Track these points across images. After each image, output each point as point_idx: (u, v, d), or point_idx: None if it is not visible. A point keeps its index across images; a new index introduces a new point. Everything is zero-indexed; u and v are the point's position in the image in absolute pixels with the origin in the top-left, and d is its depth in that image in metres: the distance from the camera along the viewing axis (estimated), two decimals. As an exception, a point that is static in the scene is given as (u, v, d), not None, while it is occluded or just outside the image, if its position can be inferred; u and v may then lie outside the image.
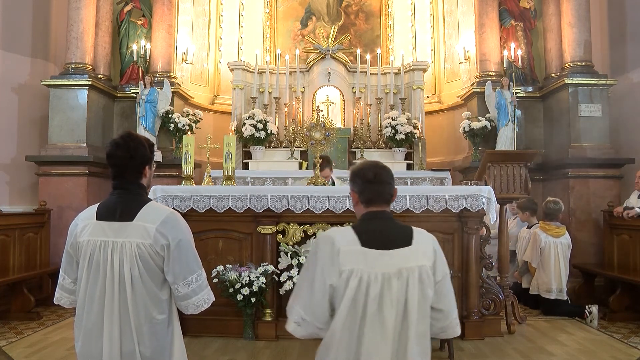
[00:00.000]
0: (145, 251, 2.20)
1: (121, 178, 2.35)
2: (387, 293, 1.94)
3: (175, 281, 2.23)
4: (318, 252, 2.02)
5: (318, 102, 8.33)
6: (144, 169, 2.36)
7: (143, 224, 2.23)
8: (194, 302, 2.28)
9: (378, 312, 1.93)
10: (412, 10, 9.28)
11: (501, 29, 7.96)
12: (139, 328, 2.20)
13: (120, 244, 2.22)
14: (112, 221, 2.26)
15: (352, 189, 2.16)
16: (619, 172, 7.06)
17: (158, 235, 2.21)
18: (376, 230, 2.05)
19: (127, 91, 7.82)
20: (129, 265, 2.20)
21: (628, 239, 6.15)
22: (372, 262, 1.96)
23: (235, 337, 4.69)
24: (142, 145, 2.37)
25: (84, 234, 2.29)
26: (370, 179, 2.10)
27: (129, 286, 2.20)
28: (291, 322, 2.01)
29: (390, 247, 2.01)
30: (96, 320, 2.22)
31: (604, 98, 7.19)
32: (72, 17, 7.37)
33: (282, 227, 4.86)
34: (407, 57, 8.73)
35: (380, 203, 2.10)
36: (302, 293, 2.03)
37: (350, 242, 2.00)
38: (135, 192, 2.34)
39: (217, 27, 9.17)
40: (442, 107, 8.98)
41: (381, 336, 1.93)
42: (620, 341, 4.90)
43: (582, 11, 7.31)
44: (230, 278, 4.56)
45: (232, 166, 5.30)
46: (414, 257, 2.01)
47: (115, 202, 2.32)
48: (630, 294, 5.80)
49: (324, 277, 1.96)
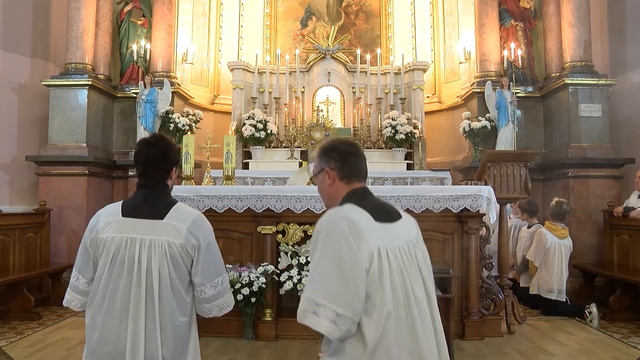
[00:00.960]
0: (176, 250, 2.17)
1: (149, 177, 2.30)
2: (408, 267, 1.82)
3: (203, 282, 2.21)
4: (338, 233, 1.75)
5: (318, 102, 8.33)
6: (172, 170, 2.34)
7: (174, 222, 2.20)
8: (218, 304, 2.27)
9: (411, 287, 1.80)
10: (412, 10, 9.28)
11: (501, 29, 7.96)
12: (163, 329, 2.14)
13: (149, 241, 2.17)
14: (140, 218, 2.21)
15: (328, 167, 1.94)
16: (619, 172, 7.06)
17: (189, 236, 2.19)
18: (376, 204, 1.91)
19: (127, 91, 7.82)
20: (159, 263, 2.15)
21: (628, 239, 6.15)
22: (389, 237, 1.81)
23: (235, 337, 4.69)
24: (173, 147, 2.36)
25: (108, 230, 2.21)
26: (352, 152, 1.96)
27: (157, 285, 2.14)
28: (323, 322, 1.70)
29: (393, 220, 1.89)
30: (120, 319, 2.13)
31: (604, 98, 7.18)
32: (72, 17, 7.37)
33: (282, 227, 4.86)
34: (407, 57, 8.73)
35: (361, 179, 1.96)
36: (329, 284, 1.72)
37: (365, 218, 1.80)
38: (163, 192, 2.31)
39: (217, 27, 9.17)
40: (442, 107, 8.98)
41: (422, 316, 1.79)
42: (620, 341, 4.90)
43: (582, 11, 7.31)
44: (230, 278, 4.56)
45: (232, 166, 5.31)
46: (408, 228, 1.95)
47: (143, 200, 2.27)
48: (630, 294, 5.81)
49: (357, 261, 1.70)
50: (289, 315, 4.83)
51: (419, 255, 1.89)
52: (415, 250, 1.88)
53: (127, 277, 2.14)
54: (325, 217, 1.81)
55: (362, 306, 1.71)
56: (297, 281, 4.63)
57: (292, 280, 4.64)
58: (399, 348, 1.72)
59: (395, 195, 4.85)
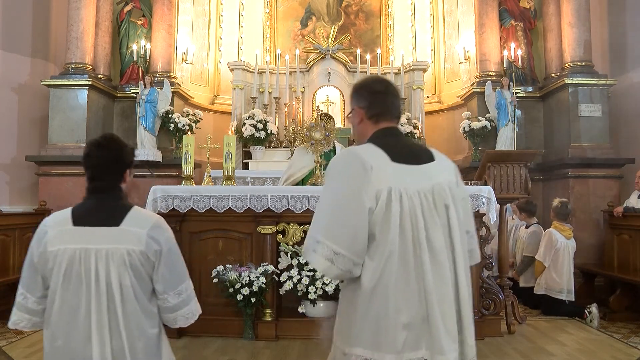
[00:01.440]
0: (136, 258, 2.00)
1: (100, 181, 2.12)
2: (428, 212, 1.71)
3: (166, 290, 2.05)
4: (345, 170, 1.71)
5: (318, 102, 8.33)
6: (125, 172, 2.16)
7: (132, 228, 2.02)
8: (183, 313, 2.11)
9: (427, 236, 1.69)
10: (412, 10, 9.28)
11: (501, 29, 7.96)
12: (132, 346, 1.98)
13: (105, 251, 1.98)
14: (93, 226, 2.03)
15: (357, 105, 1.89)
16: (619, 172, 7.06)
17: (150, 241, 2.02)
18: (400, 144, 1.81)
19: (127, 91, 7.82)
20: (119, 274, 1.97)
21: (628, 239, 6.15)
22: (407, 178, 1.71)
23: (235, 337, 4.69)
24: (125, 147, 2.19)
25: (57, 241, 2.01)
26: (380, 90, 1.87)
27: (119, 298, 1.97)
28: (320, 260, 1.68)
29: (419, 161, 1.78)
30: (83, 341, 1.95)
31: (604, 98, 7.18)
32: (72, 17, 7.37)
33: (282, 227, 4.86)
34: (407, 57, 8.73)
35: (390, 118, 1.86)
36: (330, 221, 1.68)
37: (380, 158, 1.72)
38: (117, 196, 2.12)
39: (217, 27, 9.17)
40: (442, 107, 8.98)
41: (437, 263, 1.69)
42: (620, 341, 4.90)
43: (582, 11, 7.31)
44: (230, 278, 4.56)
45: (232, 166, 5.30)
46: (441, 172, 1.81)
47: (96, 206, 2.09)
48: (630, 294, 5.80)
49: (361, 200, 1.65)
50: (289, 315, 4.83)
51: (449, 202, 1.76)
52: (443, 196, 1.75)
53: (86, 293, 1.96)
54: (337, 155, 1.80)
55: (363, 247, 1.66)
56: (297, 281, 4.62)
57: (292, 280, 4.64)
58: (398, 293, 1.65)
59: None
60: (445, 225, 1.74)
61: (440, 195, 1.75)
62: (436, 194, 1.75)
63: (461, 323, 1.76)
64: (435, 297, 1.67)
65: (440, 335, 1.67)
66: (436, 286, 1.68)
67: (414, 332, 1.67)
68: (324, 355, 4.35)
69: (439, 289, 1.69)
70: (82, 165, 2.16)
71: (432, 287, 1.67)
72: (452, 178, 1.84)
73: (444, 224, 1.74)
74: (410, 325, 1.66)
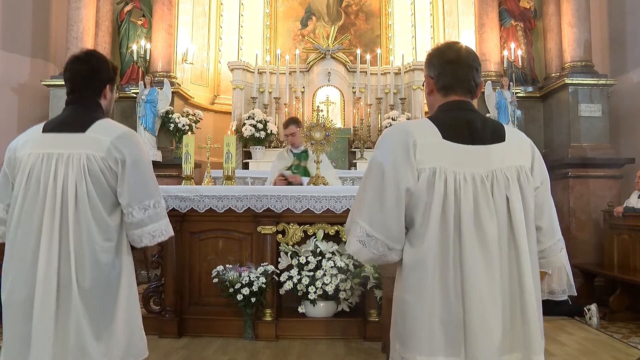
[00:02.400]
0: (96, 164, 1.93)
1: (77, 93, 2.08)
2: (482, 200, 1.52)
3: (130, 203, 1.96)
4: (387, 147, 1.56)
5: (318, 102, 8.33)
6: (104, 87, 2.10)
7: (96, 135, 1.97)
8: (149, 230, 2.00)
9: (475, 226, 1.50)
10: (412, 10, 9.28)
11: (501, 29, 7.97)
12: (78, 254, 1.90)
13: (66, 155, 1.95)
14: (60, 133, 2.01)
15: (427, 74, 1.72)
16: (619, 172, 7.06)
17: (112, 149, 1.95)
18: (461, 121, 1.60)
19: (127, 91, 7.82)
20: (75, 178, 1.92)
21: (628, 239, 6.15)
22: (459, 159, 1.53)
23: (235, 337, 4.69)
24: (105, 62, 2.13)
25: (25, 147, 2.04)
26: (451, 59, 1.66)
27: (72, 204, 1.91)
28: (353, 242, 1.57)
29: (480, 141, 1.57)
30: (34, 245, 1.91)
31: (604, 98, 7.18)
32: (72, 17, 7.37)
33: (282, 227, 4.86)
34: (407, 57, 8.73)
35: (461, 91, 1.65)
36: (366, 202, 1.56)
37: (428, 134, 1.56)
38: (91, 108, 2.06)
39: (217, 27, 9.17)
40: (442, 107, 8.97)
41: (484, 258, 1.50)
42: (620, 341, 4.90)
43: (582, 11, 7.31)
44: (230, 278, 4.56)
45: (232, 166, 5.30)
46: (510, 154, 1.59)
47: (67, 115, 2.06)
48: (630, 294, 5.80)
49: (397, 179, 1.51)
50: (289, 315, 4.83)
51: (514, 190, 1.55)
52: (505, 183, 1.55)
53: (42, 197, 1.93)
54: (387, 129, 1.67)
55: (398, 231, 1.53)
56: (297, 281, 4.62)
57: (292, 280, 4.64)
58: (434, 288, 1.50)
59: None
60: (504, 217, 1.53)
61: (500, 182, 1.55)
62: (495, 180, 1.54)
63: (524, 333, 1.54)
64: (476, 296, 1.49)
65: (477, 341, 1.49)
66: (480, 285, 1.49)
67: (450, 334, 1.50)
68: (324, 355, 4.36)
69: (485, 288, 1.50)
70: (63, 79, 2.12)
71: (473, 285, 1.49)
72: (525, 162, 1.61)
73: (503, 216, 1.53)
74: (445, 325, 1.51)
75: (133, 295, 2.06)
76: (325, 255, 4.66)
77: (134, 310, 2.06)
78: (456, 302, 1.50)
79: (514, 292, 1.53)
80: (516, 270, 1.53)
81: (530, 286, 1.54)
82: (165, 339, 4.54)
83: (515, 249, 1.53)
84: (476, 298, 1.49)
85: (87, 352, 1.89)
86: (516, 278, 1.53)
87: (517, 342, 1.54)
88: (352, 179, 7.34)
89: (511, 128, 1.69)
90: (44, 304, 1.87)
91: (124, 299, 1.99)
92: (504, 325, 1.52)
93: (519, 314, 1.54)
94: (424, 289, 1.51)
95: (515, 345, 1.53)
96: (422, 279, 1.51)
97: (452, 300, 1.50)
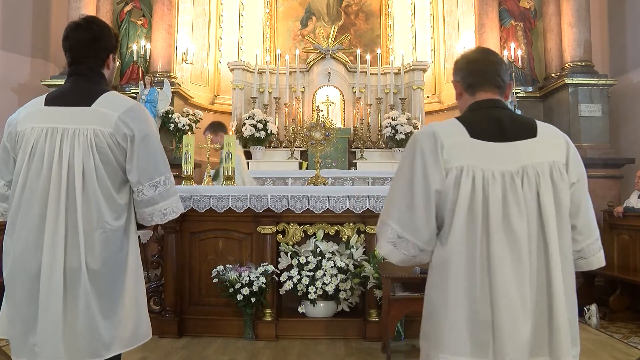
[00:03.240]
0: (104, 140, 1.86)
1: (79, 64, 1.98)
2: (512, 197, 1.50)
3: (140, 181, 1.90)
4: (416, 150, 1.57)
5: (318, 102, 8.33)
6: (107, 57, 2.02)
7: (103, 109, 1.89)
8: (160, 208, 1.94)
9: (504, 224, 1.49)
10: (412, 10, 9.28)
11: (501, 29, 7.97)
12: (88, 235, 1.83)
13: (72, 130, 1.86)
14: (65, 106, 1.91)
15: (455, 79, 1.76)
16: (619, 172, 7.06)
17: (120, 124, 1.87)
18: (489, 118, 1.60)
19: (127, 91, 7.81)
20: (82, 155, 1.84)
21: (628, 239, 6.15)
22: (487, 157, 1.53)
23: (235, 337, 4.69)
24: (107, 29, 2.05)
25: (28, 121, 1.92)
26: (477, 58, 1.71)
27: (80, 182, 1.83)
28: (384, 243, 1.59)
29: (509, 138, 1.56)
30: (38, 224, 1.83)
31: (604, 98, 7.19)
32: (72, 17, 7.36)
33: (282, 227, 4.86)
34: (407, 57, 8.72)
35: (488, 87, 1.66)
36: (396, 204, 1.57)
37: (455, 133, 1.57)
38: (95, 80, 1.98)
39: (217, 27, 9.16)
40: (442, 107, 8.97)
41: (512, 257, 1.48)
42: (620, 341, 4.90)
43: (582, 11, 7.31)
44: (230, 278, 4.56)
45: (232, 166, 5.30)
46: (542, 150, 1.57)
47: (70, 88, 1.97)
48: (630, 294, 5.81)
49: (426, 181, 1.52)
50: (289, 315, 4.83)
51: (546, 187, 1.53)
52: (536, 180, 1.53)
53: (47, 174, 1.84)
54: (415, 132, 1.69)
55: (429, 232, 1.53)
56: (297, 281, 4.62)
57: (292, 280, 4.64)
58: (460, 287, 1.49)
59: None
60: (535, 214, 1.52)
61: (531, 177, 1.53)
62: (526, 176, 1.52)
63: (552, 336, 1.52)
64: (505, 297, 1.47)
65: (506, 343, 1.47)
66: (508, 285, 1.47)
67: (477, 335, 1.49)
68: (324, 355, 4.36)
69: (513, 288, 1.48)
70: (63, 48, 2.01)
71: (501, 285, 1.47)
72: (559, 158, 1.59)
73: (533, 213, 1.51)
74: (472, 326, 1.49)
75: (140, 276, 2.01)
76: (325, 255, 4.66)
77: (140, 291, 2.02)
78: (484, 303, 1.48)
79: (542, 293, 1.51)
80: (545, 268, 1.51)
81: (560, 286, 1.51)
82: (165, 339, 4.54)
83: (545, 247, 1.51)
84: (505, 299, 1.47)
85: (97, 332, 1.85)
86: (545, 277, 1.51)
87: (545, 345, 1.52)
88: (352, 179, 7.35)
89: (544, 124, 1.66)
90: (52, 286, 1.80)
91: (132, 279, 1.95)
92: (533, 327, 1.50)
93: (547, 314, 1.52)
94: (448, 288, 1.50)
95: (544, 348, 1.52)
96: (446, 277, 1.51)
97: (479, 300, 1.48)
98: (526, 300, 1.49)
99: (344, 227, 4.78)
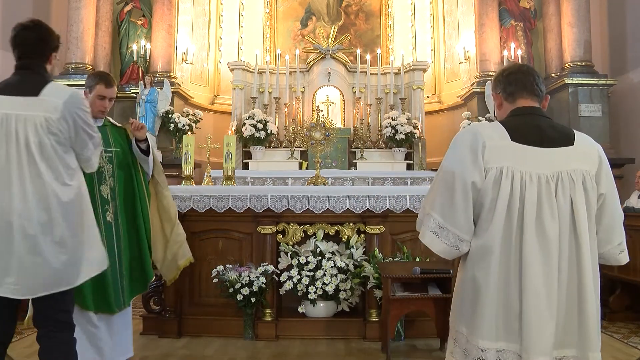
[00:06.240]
0: (54, 125, 2.25)
1: (26, 59, 2.35)
2: (546, 199, 1.62)
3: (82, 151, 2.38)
4: (458, 146, 1.71)
5: (318, 102, 8.33)
6: (50, 55, 2.40)
7: (50, 98, 2.27)
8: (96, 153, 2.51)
9: (536, 224, 1.60)
10: (412, 10, 9.29)
11: (501, 29, 7.97)
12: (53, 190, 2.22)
13: (24, 117, 2.23)
14: (15, 95, 2.27)
15: (494, 92, 1.88)
16: (619, 172, 7.05)
17: (64, 110, 2.27)
18: (529, 124, 1.72)
19: (127, 91, 7.82)
20: (37, 135, 2.22)
21: (628, 239, 6.03)
22: (525, 160, 1.64)
23: (235, 337, 4.69)
24: (51, 31, 2.43)
25: None
26: (513, 70, 1.84)
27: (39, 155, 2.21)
28: (427, 232, 1.71)
29: (547, 144, 1.68)
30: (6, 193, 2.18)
31: (604, 98, 7.19)
32: (72, 17, 7.38)
33: (282, 227, 4.85)
34: (407, 57, 8.73)
35: (527, 95, 1.79)
36: (438, 196, 1.70)
37: (498, 136, 1.68)
38: (40, 73, 2.35)
39: (217, 27, 9.17)
40: (442, 107, 8.98)
41: (542, 255, 1.59)
42: (620, 341, 4.90)
43: (582, 11, 7.32)
44: (230, 278, 4.55)
45: (232, 166, 5.31)
46: (577, 158, 1.69)
47: (19, 79, 2.33)
48: (630, 294, 5.80)
49: (465, 176, 1.64)
50: (289, 315, 4.83)
51: (578, 193, 1.65)
52: (569, 186, 1.64)
53: (7, 152, 2.20)
54: (459, 131, 1.81)
55: (467, 223, 1.65)
56: (297, 281, 4.62)
57: (292, 280, 4.63)
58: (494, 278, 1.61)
59: (395, 195, 4.85)
60: (567, 217, 1.63)
61: (565, 183, 1.64)
62: (560, 181, 1.64)
63: (582, 331, 1.65)
64: (532, 291, 1.58)
65: (530, 334, 1.58)
66: (536, 280, 1.58)
67: (508, 322, 1.61)
68: (324, 355, 4.36)
69: (540, 284, 1.59)
70: (11, 46, 2.37)
71: (530, 280, 1.58)
72: (591, 168, 1.70)
73: (566, 216, 1.62)
74: (506, 313, 1.62)
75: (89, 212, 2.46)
76: (325, 255, 4.66)
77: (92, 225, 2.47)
78: (514, 294, 1.60)
79: (572, 290, 1.62)
80: (576, 268, 1.62)
81: (590, 285, 1.63)
82: (165, 339, 4.54)
83: (577, 249, 1.62)
84: (532, 293, 1.58)
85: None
86: (576, 276, 1.62)
87: (572, 339, 1.64)
88: (352, 179, 7.34)
89: (581, 134, 1.80)
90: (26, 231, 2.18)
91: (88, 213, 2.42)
92: (559, 320, 1.61)
93: (576, 311, 1.63)
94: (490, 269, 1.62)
95: (571, 342, 1.64)
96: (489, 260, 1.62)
97: (511, 291, 1.60)
98: (553, 296, 1.60)
99: (344, 227, 4.77)
